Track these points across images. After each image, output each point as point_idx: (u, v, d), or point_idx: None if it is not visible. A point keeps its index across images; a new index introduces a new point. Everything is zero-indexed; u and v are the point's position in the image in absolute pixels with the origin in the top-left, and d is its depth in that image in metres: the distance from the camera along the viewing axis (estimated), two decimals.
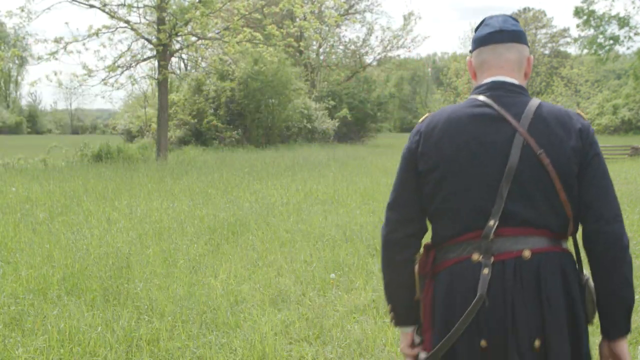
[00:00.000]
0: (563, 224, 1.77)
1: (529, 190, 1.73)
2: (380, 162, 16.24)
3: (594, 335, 2.79)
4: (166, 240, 6.92)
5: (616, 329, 1.79)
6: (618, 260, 1.74)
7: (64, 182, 11.60)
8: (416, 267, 1.88)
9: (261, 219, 8.20)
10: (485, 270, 1.71)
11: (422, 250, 1.90)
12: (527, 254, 1.71)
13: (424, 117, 1.93)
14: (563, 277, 1.74)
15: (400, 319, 1.96)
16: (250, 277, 5.68)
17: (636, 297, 5.12)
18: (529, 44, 1.97)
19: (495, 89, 1.83)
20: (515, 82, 1.85)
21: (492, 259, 1.72)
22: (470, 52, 1.95)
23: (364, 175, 13.19)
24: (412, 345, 1.95)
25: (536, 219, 1.73)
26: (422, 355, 1.88)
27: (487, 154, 1.75)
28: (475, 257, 1.74)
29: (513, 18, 1.90)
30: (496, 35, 1.85)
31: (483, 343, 1.72)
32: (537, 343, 1.69)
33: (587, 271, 1.83)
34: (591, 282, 1.81)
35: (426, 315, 1.87)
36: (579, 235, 1.82)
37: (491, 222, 1.72)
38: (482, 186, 1.75)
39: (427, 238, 1.94)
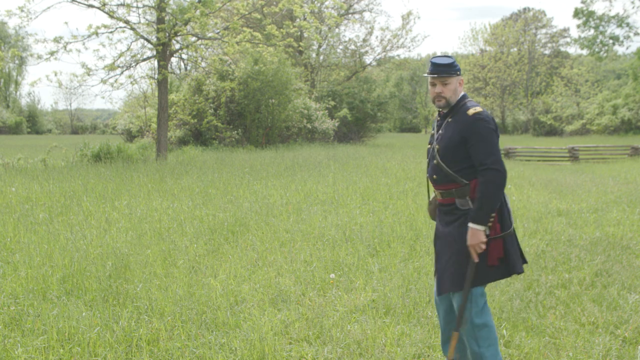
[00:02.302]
0: None
1: None
2: (380, 162, 16.23)
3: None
4: (166, 240, 6.92)
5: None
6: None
7: (63, 182, 11.59)
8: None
9: (261, 219, 8.19)
10: None
11: None
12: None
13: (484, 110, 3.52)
14: None
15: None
16: (250, 277, 5.68)
17: (637, 297, 5.11)
18: (529, 44, 2.54)
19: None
20: None
21: None
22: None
23: (364, 175, 13.18)
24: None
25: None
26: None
27: None
28: None
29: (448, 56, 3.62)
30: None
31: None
32: None
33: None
34: None
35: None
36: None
37: None
38: None
39: None
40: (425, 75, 3.59)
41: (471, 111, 3.45)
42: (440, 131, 3.59)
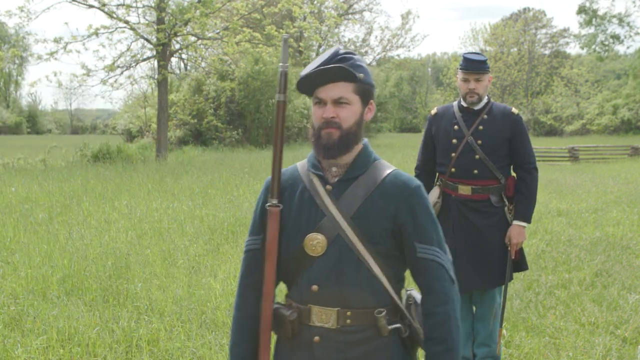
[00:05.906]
0: None
1: None
2: None
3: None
4: (166, 240, 6.92)
5: None
6: None
7: (63, 182, 11.59)
8: None
9: None
10: None
11: None
12: None
13: None
14: None
15: None
16: None
17: (637, 297, 5.11)
18: (529, 44, 2.54)
19: None
20: None
21: None
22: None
23: None
24: None
25: None
26: None
27: None
28: None
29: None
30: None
31: None
32: None
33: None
34: None
35: None
36: None
37: None
38: None
39: None
40: (459, 70, 3.62)
41: (514, 110, 3.64)
42: (479, 127, 3.59)
